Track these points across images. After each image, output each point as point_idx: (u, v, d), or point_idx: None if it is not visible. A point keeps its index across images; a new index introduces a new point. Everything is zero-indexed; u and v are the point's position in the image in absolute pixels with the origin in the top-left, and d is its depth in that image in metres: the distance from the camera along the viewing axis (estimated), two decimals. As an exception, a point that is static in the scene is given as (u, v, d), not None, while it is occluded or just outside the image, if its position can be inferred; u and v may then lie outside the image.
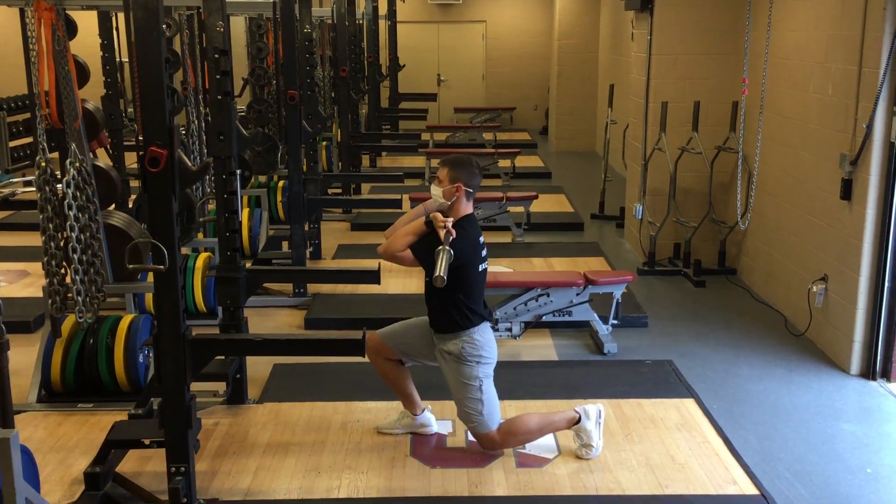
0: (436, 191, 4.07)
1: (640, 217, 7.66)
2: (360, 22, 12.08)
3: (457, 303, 4.01)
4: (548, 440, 4.32)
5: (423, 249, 3.96)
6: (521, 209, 8.56)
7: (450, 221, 3.93)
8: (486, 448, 4.17)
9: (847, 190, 5.25)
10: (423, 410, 4.40)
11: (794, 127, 6.15)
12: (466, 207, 4.09)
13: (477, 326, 4.04)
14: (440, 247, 3.86)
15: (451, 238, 3.87)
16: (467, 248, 3.98)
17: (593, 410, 4.19)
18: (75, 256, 4.43)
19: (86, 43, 6.42)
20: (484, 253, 4.12)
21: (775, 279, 6.47)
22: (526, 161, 12.57)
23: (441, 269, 3.79)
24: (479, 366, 4.03)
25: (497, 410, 4.11)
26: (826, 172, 5.57)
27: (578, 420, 4.16)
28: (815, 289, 5.61)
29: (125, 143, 6.94)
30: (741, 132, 6.82)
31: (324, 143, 9.94)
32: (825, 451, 4.33)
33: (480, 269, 4.09)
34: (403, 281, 6.83)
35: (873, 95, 4.94)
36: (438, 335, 4.12)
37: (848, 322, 5.25)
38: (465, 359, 4.01)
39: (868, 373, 5.19)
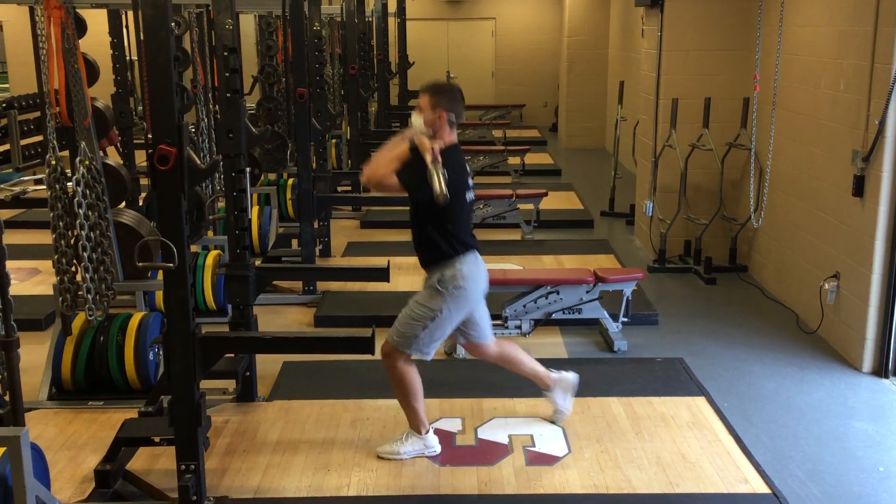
0: (416, 119, 3.91)
1: (650, 214, 7.63)
2: (370, 19, 12.07)
3: (445, 233, 3.90)
4: (558, 438, 4.31)
5: (409, 174, 3.80)
6: (530, 206, 8.54)
7: (436, 144, 3.81)
8: (383, 355, 4.03)
9: (859, 186, 5.21)
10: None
11: (805, 123, 6.12)
12: (450, 136, 3.93)
13: (463, 255, 3.93)
14: (431, 168, 3.72)
15: (438, 162, 3.74)
16: (453, 177, 3.81)
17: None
18: (85, 254, 4.44)
19: (96, 41, 6.42)
20: (470, 182, 4.02)
21: (787, 276, 6.43)
22: (535, 158, 12.55)
23: (441, 187, 3.68)
24: (448, 298, 3.90)
25: (427, 346, 3.99)
26: (838, 169, 5.53)
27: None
28: (826, 286, 5.58)
29: (135, 141, 6.94)
30: (752, 128, 6.78)
31: (333, 140, 9.94)
32: (837, 450, 4.30)
33: (468, 199, 4.00)
34: (413, 278, 6.81)
35: (886, 91, 4.90)
36: (427, 274, 4.00)
37: (860, 319, 5.21)
38: (438, 286, 3.90)
39: (880, 370, 5.15)
